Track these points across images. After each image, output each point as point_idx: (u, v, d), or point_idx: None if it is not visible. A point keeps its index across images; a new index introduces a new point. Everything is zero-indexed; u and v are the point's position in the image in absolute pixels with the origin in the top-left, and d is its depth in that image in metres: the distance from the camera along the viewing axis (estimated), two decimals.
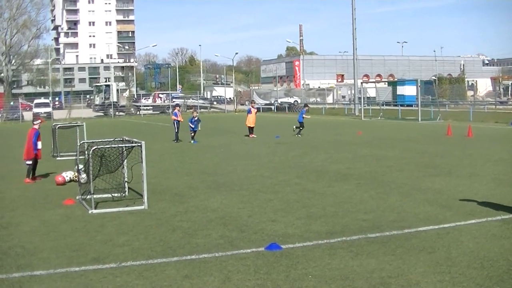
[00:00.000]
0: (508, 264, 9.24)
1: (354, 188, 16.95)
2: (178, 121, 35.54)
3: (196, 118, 35.37)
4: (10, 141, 40.61)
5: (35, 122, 20.75)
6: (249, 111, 38.69)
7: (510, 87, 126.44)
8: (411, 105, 74.97)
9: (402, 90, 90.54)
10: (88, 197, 14.79)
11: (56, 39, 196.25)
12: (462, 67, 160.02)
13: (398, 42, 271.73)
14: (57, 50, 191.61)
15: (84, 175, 16.11)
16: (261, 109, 78.79)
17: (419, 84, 61.15)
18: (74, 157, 20.31)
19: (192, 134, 34.89)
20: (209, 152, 28.47)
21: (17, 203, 15.96)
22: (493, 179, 18.05)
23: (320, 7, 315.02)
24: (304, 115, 38.08)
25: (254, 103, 43.44)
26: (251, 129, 37.97)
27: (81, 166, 16.94)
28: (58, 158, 26.69)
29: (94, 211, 14.17)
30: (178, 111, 36.88)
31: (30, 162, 20.08)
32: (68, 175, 19.22)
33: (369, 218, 12.85)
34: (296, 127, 38.00)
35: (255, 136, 37.22)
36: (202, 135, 38.50)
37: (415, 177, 18.88)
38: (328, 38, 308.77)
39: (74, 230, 12.42)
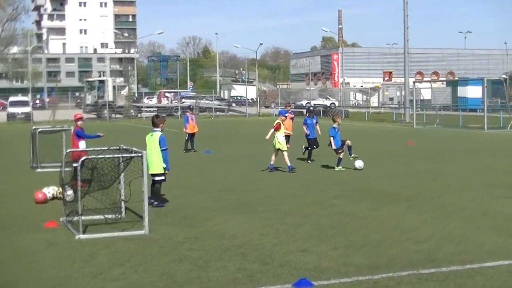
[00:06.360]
0: None
1: (404, 211, 16.95)
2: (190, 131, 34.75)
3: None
4: None
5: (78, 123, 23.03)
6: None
7: None
8: (475, 110, 74.72)
9: (464, 91, 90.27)
10: (75, 218, 14.80)
11: (38, 23, 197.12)
12: None
13: (460, 32, 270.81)
14: (39, 36, 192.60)
15: (70, 192, 16.12)
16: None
17: (485, 84, 60.93)
18: (58, 169, 20.34)
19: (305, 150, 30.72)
20: (228, 164, 28.44)
21: None
22: None
23: None
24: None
25: (290, 105, 42.05)
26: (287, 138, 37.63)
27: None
28: (39, 170, 26.71)
29: (82, 236, 14.20)
30: (191, 114, 36.06)
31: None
32: (50, 191, 19.29)
33: (422, 249, 12.82)
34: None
35: (289, 146, 36.89)
36: (218, 144, 38.52)
37: (481, 198, 18.82)
38: (373, 27, 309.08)
39: (58, 259, 12.45)
